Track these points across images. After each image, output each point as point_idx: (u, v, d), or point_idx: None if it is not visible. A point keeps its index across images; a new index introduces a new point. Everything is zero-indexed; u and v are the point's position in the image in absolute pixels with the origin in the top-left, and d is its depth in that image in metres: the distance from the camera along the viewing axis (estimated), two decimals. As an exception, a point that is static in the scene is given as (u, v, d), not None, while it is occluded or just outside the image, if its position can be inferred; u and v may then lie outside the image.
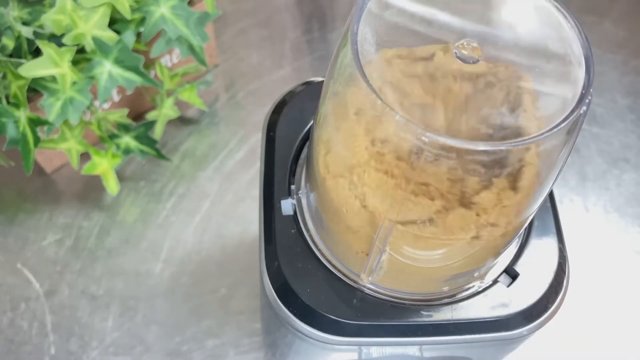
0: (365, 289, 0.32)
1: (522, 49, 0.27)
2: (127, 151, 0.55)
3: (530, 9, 0.28)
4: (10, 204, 0.56)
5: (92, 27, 0.48)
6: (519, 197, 0.27)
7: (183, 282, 0.53)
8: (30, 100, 0.49)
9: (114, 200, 0.57)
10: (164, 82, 0.57)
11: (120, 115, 0.55)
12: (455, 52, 0.26)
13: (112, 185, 0.54)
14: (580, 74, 0.26)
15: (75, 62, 0.50)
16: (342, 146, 0.28)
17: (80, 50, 0.50)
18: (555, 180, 0.28)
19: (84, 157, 0.56)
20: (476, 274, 0.32)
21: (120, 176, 0.57)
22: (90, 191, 0.57)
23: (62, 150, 0.53)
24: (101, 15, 0.48)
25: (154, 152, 0.56)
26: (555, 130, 0.24)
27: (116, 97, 0.57)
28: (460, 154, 0.24)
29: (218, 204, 0.57)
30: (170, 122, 0.60)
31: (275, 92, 0.43)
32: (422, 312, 0.32)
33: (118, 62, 0.49)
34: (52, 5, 0.49)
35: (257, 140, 0.60)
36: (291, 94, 0.38)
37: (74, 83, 0.48)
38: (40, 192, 0.57)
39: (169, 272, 0.53)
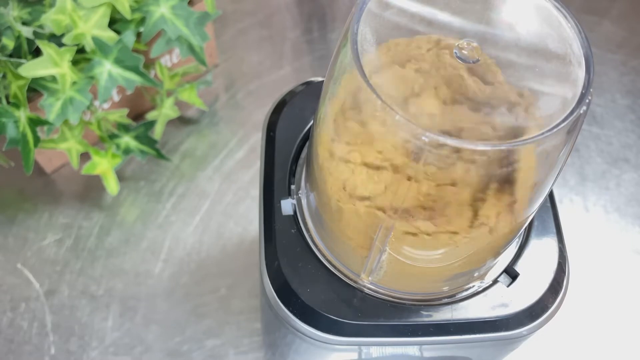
0: (365, 289, 0.32)
1: (522, 49, 0.27)
2: (127, 151, 0.55)
3: (530, 9, 0.28)
4: (10, 204, 0.57)
5: (92, 27, 0.48)
6: (519, 197, 0.27)
7: (183, 282, 0.53)
8: (30, 100, 0.49)
9: (114, 200, 0.57)
10: (164, 82, 0.57)
11: (120, 115, 0.55)
12: (456, 52, 0.26)
13: (112, 185, 0.54)
14: (580, 74, 0.26)
15: (75, 62, 0.50)
16: (342, 146, 0.28)
17: (80, 50, 0.50)
18: (555, 180, 0.28)
19: (84, 157, 0.56)
20: (476, 274, 0.32)
21: (120, 176, 0.57)
22: (90, 191, 0.57)
23: (62, 150, 0.53)
24: (101, 15, 0.48)
25: (153, 152, 0.56)
26: (555, 130, 0.24)
27: (116, 97, 0.57)
28: (460, 153, 0.24)
29: (218, 204, 0.57)
30: (170, 122, 0.60)
31: (275, 92, 0.43)
32: (422, 312, 0.32)
33: (118, 62, 0.49)
34: (52, 5, 0.49)
35: (257, 140, 0.60)
36: (291, 94, 0.38)
37: (74, 83, 0.48)
38: (40, 192, 0.57)
39: (169, 272, 0.53)
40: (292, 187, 0.35)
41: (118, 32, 0.51)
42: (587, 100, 0.25)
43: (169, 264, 0.54)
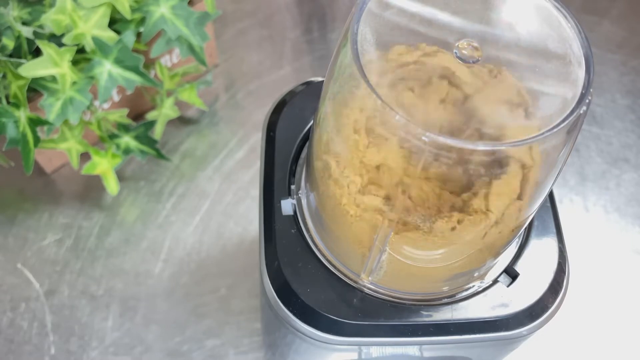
0: (365, 289, 0.32)
1: (522, 49, 0.27)
2: (127, 151, 0.55)
3: (530, 9, 0.28)
4: (10, 204, 0.57)
5: (92, 27, 0.48)
6: (518, 197, 0.27)
7: (183, 282, 0.53)
8: (30, 100, 0.49)
9: (114, 200, 0.57)
10: (164, 82, 0.57)
11: (120, 115, 0.55)
12: (455, 52, 0.26)
13: (112, 185, 0.54)
14: (580, 74, 0.26)
15: (75, 62, 0.50)
16: (341, 146, 0.28)
17: (80, 50, 0.50)
18: (555, 180, 0.28)
19: (84, 157, 0.56)
20: (476, 274, 0.32)
21: (120, 176, 0.57)
22: (90, 191, 0.57)
23: (62, 150, 0.53)
24: (101, 15, 0.48)
25: (153, 152, 0.56)
26: (555, 130, 0.24)
27: (116, 97, 0.57)
28: (460, 154, 0.24)
29: (218, 204, 0.57)
30: (170, 122, 0.60)
31: (275, 92, 0.43)
32: (422, 312, 0.32)
33: (118, 62, 0.49)
34: (52, 5, 0.49)
35: (257, 140, 0.60)
36: (291, 94, 0.38)
37: (74, 83, 0.48)
38: (40, 192, 0.57)
39: (169, 272, 0.53)
40: (292, 187, 0.35)
41: (118, 32, 0.51)
42: (587, 100, 0.25)
43: (169, 264, 0.54)
